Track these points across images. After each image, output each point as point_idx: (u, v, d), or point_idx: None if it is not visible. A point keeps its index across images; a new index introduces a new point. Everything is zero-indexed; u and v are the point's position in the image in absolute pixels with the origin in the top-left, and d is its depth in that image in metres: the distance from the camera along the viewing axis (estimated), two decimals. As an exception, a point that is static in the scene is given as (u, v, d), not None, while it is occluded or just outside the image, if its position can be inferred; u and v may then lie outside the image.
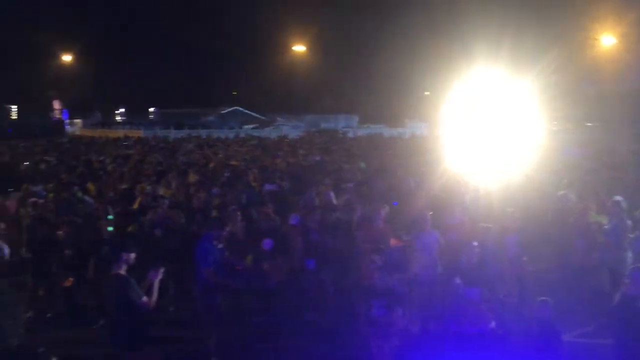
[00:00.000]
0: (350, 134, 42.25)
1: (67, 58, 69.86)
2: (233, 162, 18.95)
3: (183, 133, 44.38)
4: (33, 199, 11.21)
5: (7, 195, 11.95)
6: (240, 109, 69.91)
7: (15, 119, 61.95)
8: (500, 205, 9.67)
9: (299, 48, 67.15)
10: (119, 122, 66.65)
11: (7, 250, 8.33)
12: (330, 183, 12.42)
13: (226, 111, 69.95)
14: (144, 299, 5.72)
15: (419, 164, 16.38)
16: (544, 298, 5.97)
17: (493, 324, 6.30)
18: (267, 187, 12.76)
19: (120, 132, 46.37)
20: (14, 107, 64.88)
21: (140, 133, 45.09)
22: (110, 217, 9.65)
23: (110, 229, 9.32)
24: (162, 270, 6.01)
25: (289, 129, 52.47)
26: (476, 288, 6.31)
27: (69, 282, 8.27)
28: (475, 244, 6.75)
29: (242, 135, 41.96)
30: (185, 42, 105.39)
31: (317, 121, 63.22)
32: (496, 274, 7.13)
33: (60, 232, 9.33)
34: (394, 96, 52.19)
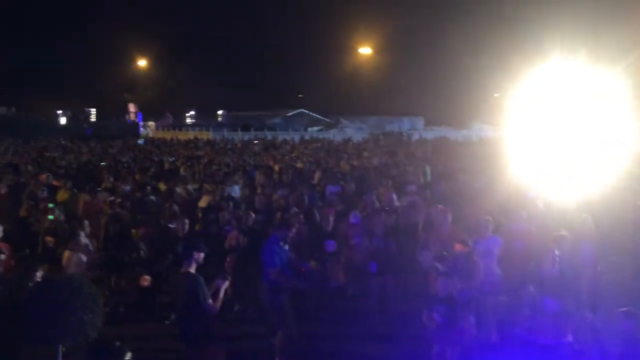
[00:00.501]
0: (415, 137, 41.75)
1: (142, 63, 73.19)
2: (298, 164, 19.19)
3: (249, 135, 45.28)
4: (110, 198, 11.75)
5: (94, 194, 12.49)
6: (306, 111, 70.53)
7: (94, 121, 65.20)
8: (574, 212, 9.23)
9: (365, 50, 67.08)
10: (189, 124, 68.74)
11: (91, 247, 8.81)
12: (392, 185, 12.32)
13: (292, 114, 70.75)
14: (210, 301, 5.76)
15: (485, 167, 15.96)
16: (626, 308, 5.61)
17: (570, 338, 6.05)
18: (330, 189, 12.82)
19: (190, 134, 47.86)
20: (93, 110, 68.37)
21: (209, 135, 46.38)
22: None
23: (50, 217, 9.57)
24: (229, 278, 6.10)
25: (353, 131, 52.44)
26: (555, 299, 6.05)
27: (145, 280, 8.41)
28: (557, 252, 6.46)
29: (307, 137, 42.36)
30: (252, 47, 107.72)
31: (381, 123, 62.83)
32: (573, 285, 6.80)
33: (134, 230, 9.75)
34: (461, 97, 51.05)
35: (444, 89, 58.53)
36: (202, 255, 6.08)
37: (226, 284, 6.01)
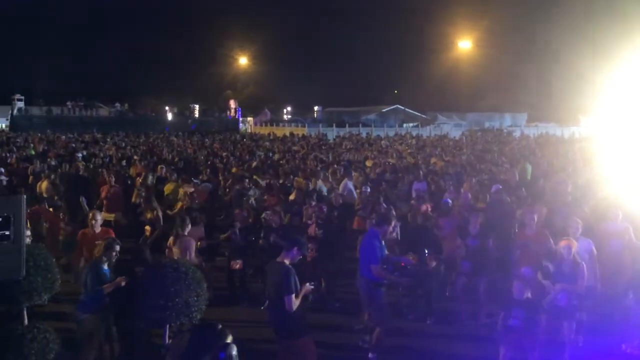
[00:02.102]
0: (517, 133, 40.06)
1: (242, 61, 76.01)
2: (390, 160, 19.19)
3: (344, 131, 45.58)
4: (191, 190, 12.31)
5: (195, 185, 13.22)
6: (401, 107, 69.79)
7: (197, 117, 68.45)
8: None
9: (465, 44, 65.16)
10: (286, 119, 70.36)
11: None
12: (476, 183, 12.19)
13: (387, 109, 70.31)
14: (292, 296, 5.80)
15: (588, 165, 15.15)
16: None
17: None
18: (416, 185, 12.78)
19: (286, 130, 49.00)
20: (197, 106, 71.74)
21: (304, 130, 47.24)
22: None
23: None
24: (314, 285, 6.22)
25: (450, 127, 51.24)
26: None
27: (236, 264, 9.00)
28: None
29: (401, 133, 41.96)
30: (348, 43, 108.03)
31: (481, 120, 60.90)
32: None
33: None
34: (566, 93, 48.18)
35: (549, 83, 55.58)
36: (300, 255, 6.24)
37: (310, 289, 6.13)
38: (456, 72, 67.06)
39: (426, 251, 7.72)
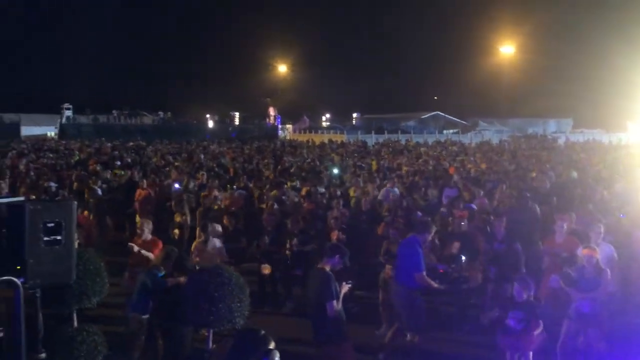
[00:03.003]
0: (561, 140, 39.08)
1: (282, 69, 76.81)
2: (422, 166, 19.09)
3: (383, 138, 45.37)
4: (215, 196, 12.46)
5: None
6: (441, 113, 69.03)
7: (237, 125, 69.37)
8: None
9: (507, 49, 64.05)
10: (325, 127, 70.51)
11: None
12: (505, 189, 12.17)
13: (426, 116, 69.69)
14: (334, 302, 5.84)
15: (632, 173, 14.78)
16: None
17: None
18: (447, 191, 12.73)
19: (325, 137, 49.08)
20: (237, 114, 72.75)
21: (343, 137, 47.22)
22: None
23: None
24: (350, 285, 6.21)
25: (491, 134, 50.35)
26: None
27: (266, 269, 9.12)
28: None
29: (441, 140, 41.50)
30: (387, 49, 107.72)
31: (523, 126, 59.63)
32: None
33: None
34: (614, 97, 46.77)
35: (595, 88, 54.05)
36: (341, 263, 6.24)
37: (347, 289, 6.12)
38: (498, 77, 65.99)
39: (463, 257, 7.64)
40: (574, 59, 68.61)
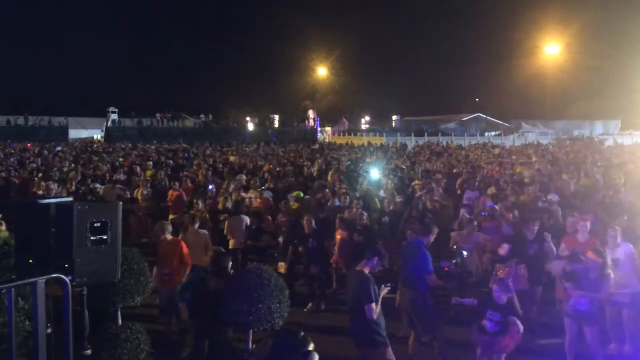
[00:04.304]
0: (609, 142, 37.89)
1: (321, 72, 77.08)
2: (455, 169, 18.85)
3: (422, 140, 44.96)
4: (242, 196, 12.66)
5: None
6: (483, 115, 67.88)
7: (277, 127, 69.94)
8: None
9: (552, 49, 62.52)
10: (364, 129, 70.34)
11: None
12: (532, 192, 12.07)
13: (467, 118, 68.66)
14: (373, 305, 5.82)
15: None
16: None
17: None
18: (469, 194, 12.71)
19: (364, 139, 48.96)
20: (276, 117, 73.35)
21: (382, 140, 47.01)
22: None
23: None
24: (389, 287, 6.17)
25: (535, 136, 49.22)
26: None
27: (281, 267, 9.28)
28: None
29: (481, 142, 40.82)
30: (427, 50, 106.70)
31: (569, 128, 58.08)
32: None
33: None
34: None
35: (645, 88, 52.12)
36: (380, 265, 6.25)
37: (386, 291, 6.08)
38: (541, 78, 64.55)
39: (464, 252, 7.60)
40: (620, 59, 66.36)
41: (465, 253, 7.61)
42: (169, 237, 8.12)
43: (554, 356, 7.08)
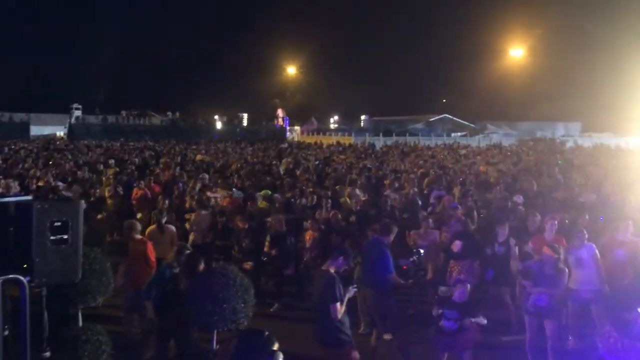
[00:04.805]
0: (570, 143, 38.91)
1: (291, 71, 76.98)
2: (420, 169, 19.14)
3: (391, 140, 45.35)
4: (207, 195, 12.59)
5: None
6: (449, 116, 68.85)
7: (246, 126, 69.54)
8: None
9: (516, 52, 63.80)
10: (333, 128, 70.54)
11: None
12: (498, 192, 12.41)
13: (434, 119, 69.54)
14: (337, 304, 5.82)
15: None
16: None
17: None
18: (436, 193, 12.92)
19: (333, 139, 49.11)
20: (245, 115, 72.95)
21: (351, 140, 47.22)
22: None
23: None
24: (356, 289, 6.20)
25: (499, 137, 50.17)
26: None
27: (248, 265, 9.29)
28: None
29: (449, 143, 41.41)
30: (395, 51, 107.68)
31: (532, 129, 59.36)
32: None
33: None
34: (622, 101, 46.41)
35: (603, 92, 53.66)
36: (346, 265, 6.26)
37: (352, 293, 6.11)
38: (507, 80, 65.81)
39: (421, 251, 7.73)
40: (583, 62, 68.23)
41: (422, 251, 7.72)
42: (138, 236, 8.03)
43: (516, 353, 7.22)
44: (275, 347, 4.01)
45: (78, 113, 63.42)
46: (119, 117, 66.11)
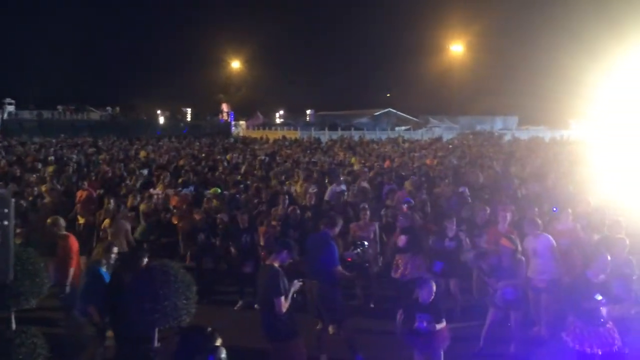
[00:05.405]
0: (508, 137, 40.29)
1: (235, 65, 76.08)
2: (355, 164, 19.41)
3: (336, 134, 45.61)
4: (150, 193, 12.46)
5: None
6: (394, 110, 69.90)
7: (189, 121, 68.32)
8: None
9: (457, 48, 65.48)
10: (279, 123, 70.28)
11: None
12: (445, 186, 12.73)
13: (379, 113, 70.42)
14: (282, 298, 5.82)
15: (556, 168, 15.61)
16: None
17: (618, 344, 5.77)
18: (387, 187, 13.09)
19: (279, 133, 48.93)
20: (189, 110, 71.63)
21: (297, 134, 47.18)
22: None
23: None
24: (301, 282, 6.21)
25: (442, 130, 51.37)
26: (603, 304, 5.78)
27: (208, 263, 9.48)
28: (609, 257, 6.19)
29: (393, 137, 42.04)
30: (340, 47, 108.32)
31: (472, 123, 61.09)
32: (622, 290, 6.49)
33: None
34: (557, 96, 48.49)
35: (539, 87, 55.77)
36: (290, 258, 6.26)
37: (297, 286, 6.12)
38: (448, 75, 67.47)
39: (365, 243, 7.82)
40: (520, 57, 70.86)
41: (366, 243, 7.82)
42: (62, 232, 7.92)
43: (469, 340, 7.30)
44: (218, 342, 3.96)
45: (11, 108, 60.53)
46: (55, 113, 63.50)
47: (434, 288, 6.26)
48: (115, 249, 6.81)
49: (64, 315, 7.54)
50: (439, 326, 6.12)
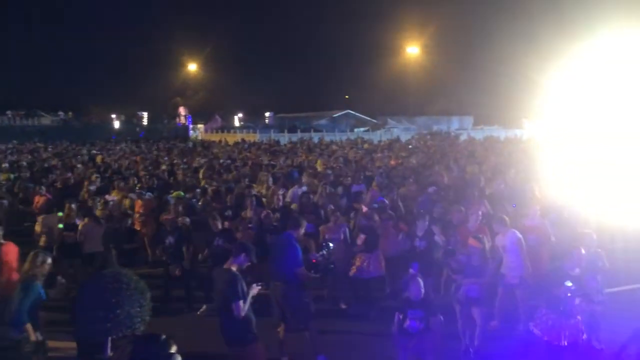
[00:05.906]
0: (464, 136, 41.08)
1: (192, 67, 75.03)
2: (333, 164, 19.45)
3: (296, 137, 45.59)
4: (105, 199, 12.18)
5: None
6: (352, 112, 70.34)
7: (146, 125, 67.02)
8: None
9: (412, 50, 66.36)
10: (237, 126, 69.73)
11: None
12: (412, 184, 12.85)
13: (338, 115, 70.76)
14: (240, 302, 5.73)
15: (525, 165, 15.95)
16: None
17: (585, 336, 5.93)
18: (355, 188, 13.16)
19: (238, 136, 48.54)
20: (145, 114, 70.25)
21: (256, 137, 46.91)
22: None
23: (60, 226, 10.24)
24: (261, 286, 6.14)
25: (400, 131, 51.98)
26: (576, 298, 5.92)
27: (177, 271, 9.10)
28: (583, 251, 6.32)
29: (352, 138, 42.30)
30: (298, 49, 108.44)
31: (429, 123, 62.07)
32: (594, 284, 6.70)
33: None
34: (510, 96, 49.82)
35: (493, 87, 57.12)
36: (247, 261, 6.16)
37: (256, 290, 6.05)
38: (405, 77, 68.31)
39: (331, 244, 7.79)
40: (474, 59, 72.48)
41: (331, 245, 7.81)
42: (1, 240, 7.50)
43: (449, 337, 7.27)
44: (173, 350, 3.85)
45: (-44, 113, 58.12)
46: (4, 118, 61.25)
47: (422, 283, 6.23)
48: (49, 260, 6.25)
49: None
50: (434, 320, 6.09)
